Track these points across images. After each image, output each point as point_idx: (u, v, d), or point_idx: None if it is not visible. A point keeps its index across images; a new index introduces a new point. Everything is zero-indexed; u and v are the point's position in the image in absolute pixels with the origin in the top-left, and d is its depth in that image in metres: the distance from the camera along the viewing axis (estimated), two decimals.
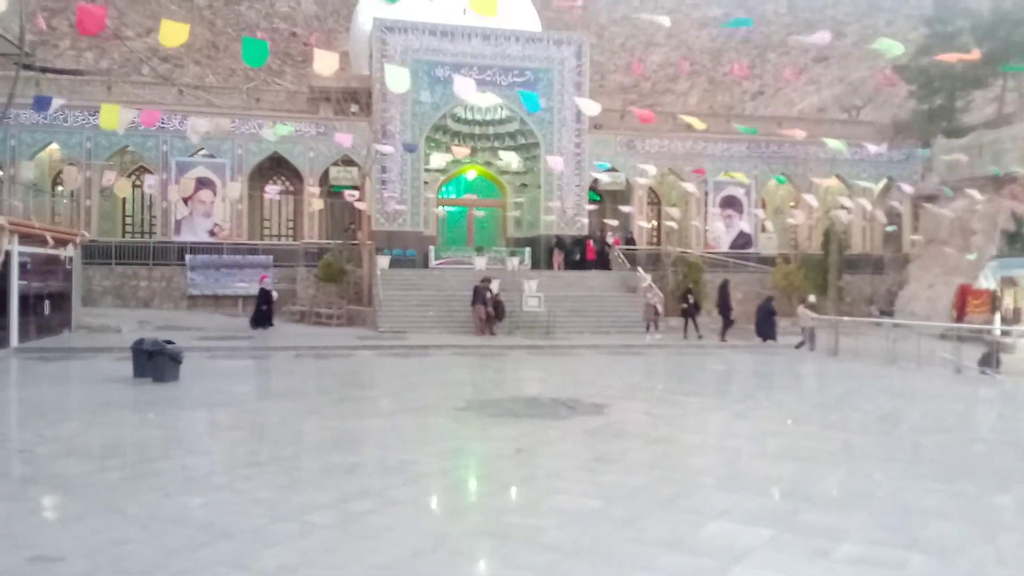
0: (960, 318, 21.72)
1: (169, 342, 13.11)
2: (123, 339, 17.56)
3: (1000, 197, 25.75)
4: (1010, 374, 15.41)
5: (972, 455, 8.62)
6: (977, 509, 6.26)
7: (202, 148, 27.31)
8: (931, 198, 27.00)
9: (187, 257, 26.19)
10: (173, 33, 11.17)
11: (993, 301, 21.98)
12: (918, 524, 5.74)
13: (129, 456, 8.04)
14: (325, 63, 12.57)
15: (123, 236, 28.43)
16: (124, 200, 28.46)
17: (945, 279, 26.25)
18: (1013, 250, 23.69)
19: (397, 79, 13.92)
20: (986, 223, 26.13)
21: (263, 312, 22.41)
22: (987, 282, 22.74)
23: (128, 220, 29.22)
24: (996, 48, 32.25)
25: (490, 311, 22.51)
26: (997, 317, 20.85)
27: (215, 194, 27.31)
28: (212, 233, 27.34)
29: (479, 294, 22.14)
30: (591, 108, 18.09)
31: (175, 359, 12.81)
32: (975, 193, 22.32)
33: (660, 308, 23.20)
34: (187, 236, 26.98)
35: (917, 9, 44.54)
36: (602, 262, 28.71)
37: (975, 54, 18.05)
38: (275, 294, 23.38)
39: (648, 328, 22.71)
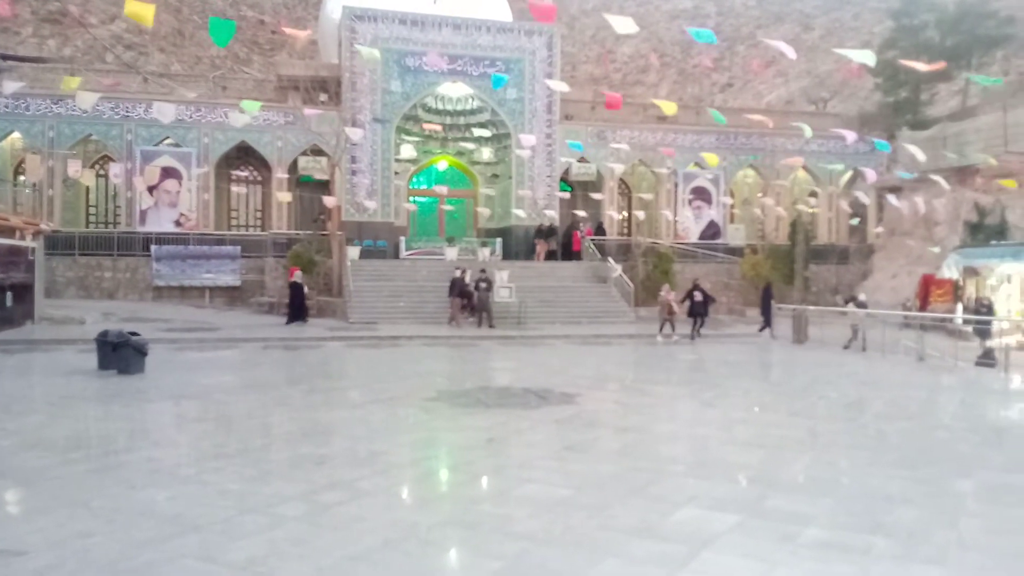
0: (923, 307, 22.12)
1: (134, 334, 12.94)
2: (87, 331, 17.27)
3: (963, 188, 26.22)
4: (970, 362, 15.72)
5: (935, 442, 8.79)
6: (939, 495, 6.39)
7: (167, 137, 26.89)
8: (895, 189, 27.40)
9: (152, 248, 25.81)
10: (138, 9, 10.96)
11: (956, 291, 22.41)
12: (882, 509, 5.84)
13: (94, 449, 7.91)
14: (298, 36, 12.47)
15: (87, 226, 27.93)
16: (88, 190, 27.96)
17: (909, 269, 26.71)
18: (975, 241, 24.17)
19: (368, 56, 13.89)
20: (949, 214, 26.61)
21: (297, 306, 21.88)
22: (950, 272, 23.17)
23: (92, 210, 28.70)
24: (961, 42, 32.84)
25: (473, 302, 22.60)
26: (959, 307, 21.28)
27: (181, 184, 26.92)
28: (178, 223, 26.97)
29: (456, 285, 22.06)
30: (560, 86, 18.45)
31: (140, 351, 12.64)
32: (940, 180, 22.65)
33: (676, 307, 21.41)
34: (152, 226, 26.58)
35: (883, 3, 45.07)
36: (567, 252, 28.84)
37: (941, 65, 18.58)
38: (307, 288, 22.82)
39: (662, 328, 20.98)
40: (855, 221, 31.24)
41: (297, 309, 21.78)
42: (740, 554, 4.87)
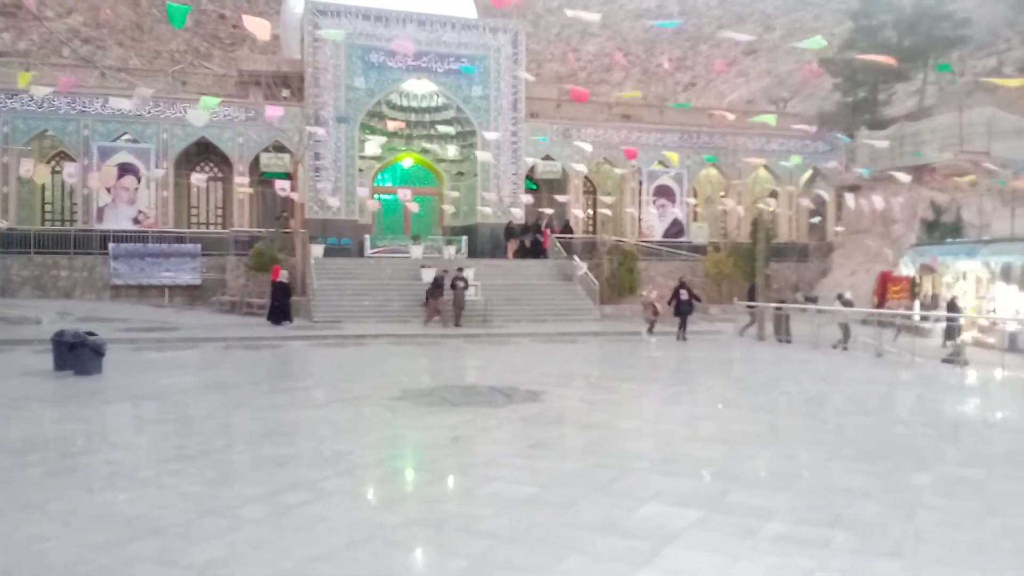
0: (881, 304, 22.54)
1: (91, 333, 12.67)
2: (43, 331, 16.85)
3: (920, 187, 26.76)
4: (927, 357, 16.06)
5: (893, 436, 8.95)
6: (897, 488, 6.51)
7: (125, 133, 26.37)
8: (854, 188, 27.88)
9: (110, 246, 25.27)
10: None
11: (912, 287, 22.87)
12: (841, 503, 5.94)
13: (50, 451, 7.72)
14: (257, 28, 12.29)
15: (42, 224, 27.28)
16: (43, 187, 27.31)
17: (867, 266, 27.21)
18: (931, 238, 24.69)
19: (333, 35, 13.82)
20: (906, 212, 27.15)
21: (280, 307, 21.44)
22: (907, 269, 23.65)
23: (48, 208, 28.04)
24: (918, 42, 33.49)
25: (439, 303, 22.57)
26: (916, 304, 21.73)
27: (139, 180, 26.42)
28: (136, 221, 26.46)
29: (442, 284, 21.92)
30: (527, 76, 18.56)
31: (97, 351, 12.38)
32: (901, 175, 23.04)
33: (660, 306, 21.11)
34: (110, 224, 26.04)
35: (843, 4, 45.80)
36: (538, 250, 28.86)
37: (892, 60, 18.95)
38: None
39: (650, 329, 20.80)
40: (816, 220, 31.74)
41: (282, 309, 21.42)
42: (703, 549, 4.91)
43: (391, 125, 23.32)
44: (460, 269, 22.61)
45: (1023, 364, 15.32)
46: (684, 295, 20.32)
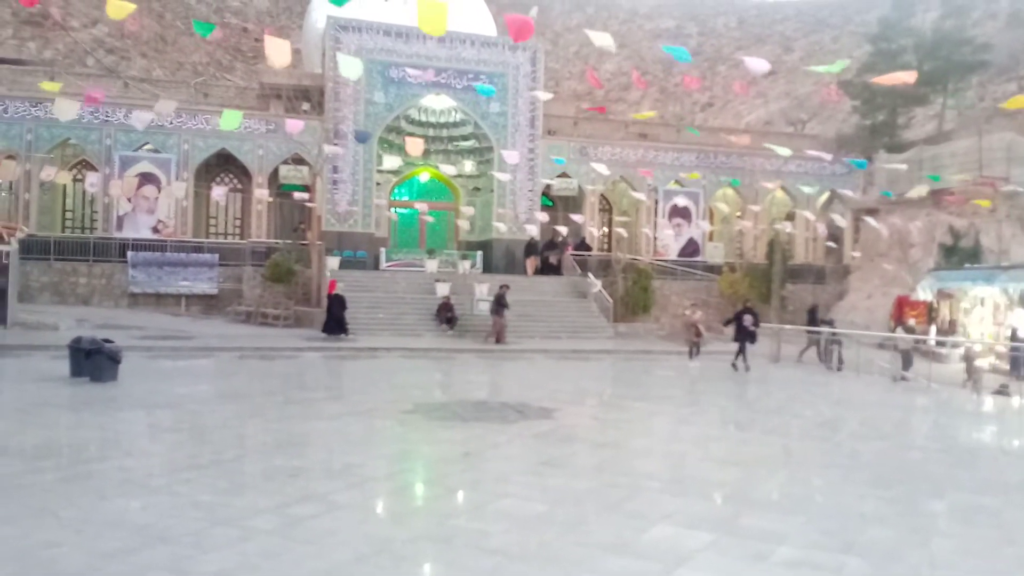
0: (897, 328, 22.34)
1: (108, 341, 12.75)
2: (60, 337, 17.01)
3: (938, 211, 26.59)
4: (943, 383, 15.91)
5: (908, 462, 8.87)
6: (912, 515, 6.44)
7: (147, 143, 26.67)
8: (872, 211, 27.74)
9: (129, 254, 25.51)
10: (119, 7, 10.96)
11: (930, 312, 22.69)
12: (855, 529, 5.88)
13: (64, 457, 7.79)
14: (277, 51, 12.42)
15: (63, 231, 27.56)
16: (64, 194, 27.63)
17: (884, 290, 27.00)
18: (950, 263, 24.50)
19: (350, 67, 13.89)
20: (924, 236, 26.98)
21: (338, 319, 21.40)
22: (924, 294, 23.47)
23: (68, 215, 28.36)
24: (937, 67, 33.39)
25: (451, 315, 22.61)
26: (933, 329, 21.53)
27: (159, 190, 26.68)
28: (155, 230, 26.70)
29: (498, 302, 21.80)
30: (544, 96, 18.63)
31: (113, 358, 12.46)
32: (917, 193, 22.71)
33: (703, 328, 19.69)
34: (129, 232, 26.29)
35: (862, 27, 45.86)
36: (553, 267, 28.84)
37: (912, 75, 18.79)
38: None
39: (691, 353, 19.36)
40: (831, 244, 31.62)
41: (339, 321, 21.46)
42: (714, 572, 4.88)
43: (410, 147, 23.07)
44: (504, 286, 22.58)
45: None
46: (748, 321, 18.23)
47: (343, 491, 6.49)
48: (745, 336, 18.01)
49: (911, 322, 19.68)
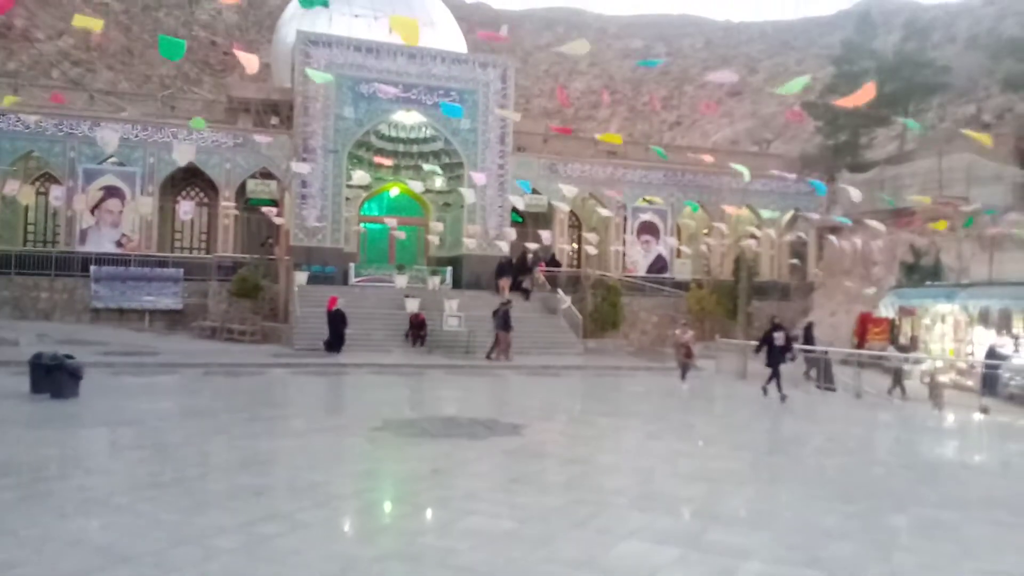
0: (861, 345, 22.70)
1: (69, 356, 12.53)
2: (21, 352, 16.64)
3: (899, 230, 27.14)
4: (908, 399, 16.17)
5: (871, 477, 8.99)
6: (875, 529, 6.53)
7: (112, 156, 26.31)
8: (835, 229, 28.23)
9: (92, 268, 25.07)
10: (87, 22, 10.93)
11: (892, 329, 23.07)
12: (819, 544, 5.95)
13: (24, 475, 7.59)
14: (247, 64, 12.45)
15: (24, 245, 27.02)
16: (27, 208, 27.11)
17: (847, 307, 27.44)
18: (911, 281, 24.98)
19: (320, 76, 14.02)
20: (886, 255, 27.50)
21: (339, 336, 21.44)
22: (887, 311, 23.87)
23: (30, 228, 27.82)
24: (899, 88, 34.21)
25: (423, 332, 22.57)
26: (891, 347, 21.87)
27: (124, 204, 26.30)
28: (119, 244, 26.29)
29: (504, 318, 21.77)
30: (512, 116, 18.67)
31: (75, 375, 12.24)
32: (874, 223, 23.45)
33: (694, 348, 18.44)
34: (92, 247, 25.85)
35: (826, 49, 46.86)
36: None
37: (871, 90, 19.32)
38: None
39: (683, 375, 17.66)
40: (795, 261, 32.11)
41: (340, 338, 21.40)
42: None
43: (378, 161, 23.08)
44: (508, 302, 22.63)
45: (999, 407, 15.44)
46: (779, 339, 15.72)
47: (309, 509, 6.42)
48: (778, 358, 15.58)
49: (904, 339, 19.52)
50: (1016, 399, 16.01)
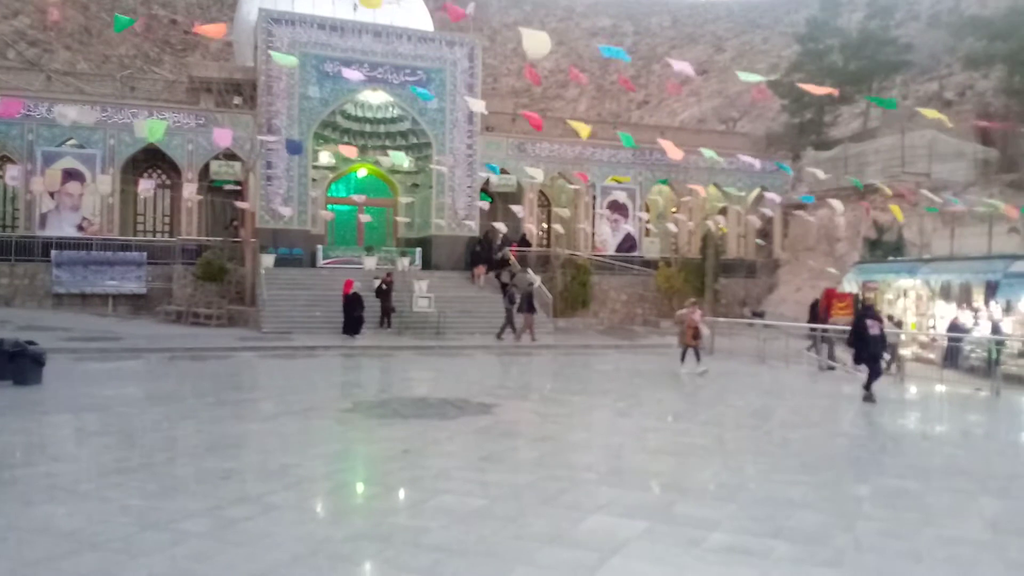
0: (826, 320, 23.05)
1: (31, 342, 12.33)
2: None
3: (863, 207, 27.53)
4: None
5: (835, 448, 9.18)
6: (838, 499, 6.68)
7: (71, 138, 25.72)
8: (800, 207, 28.55)
9: (53, 253, 24.57)
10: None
11: (856, 304, 23.44)
12: (784, 514, 6.07)
13: None
14: (214, 31, 12.22)
15: None
16: None
17: (812, 283, 27.83)
18: (874, 256, 25.39)
19: (286, 60, 13.77)
20: (850, 231, 27.89)
21: (357, 318, 21.41)
22: (850, 286, 24.24)
23: None
24: (863, 66, 34.55)
25: (392, 307, 22.51)
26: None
27: (84, 187, 25.76)
28: (81, 228, 25.78)
29: (525, 297, 21.83)
30: (478, 106, 18.48)
31: (37, 361, 12.06)
32: (836, 203, 23.88)
33: (705, 329, 16.76)
34: (53, 231, 25.31)
35: (791, 27, 47.09)
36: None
37: (834, 91, 19.90)
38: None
39: (683, 357, 16.00)
40: (760, 242, 32.45)
41: (357, 321, 21.37)
42: (648, 560, 4.97)
43: (345, 151, 22.69)
44: (531, 284, 22.82)
45: (960, 379, 15.80)
46: (875, 328, 12.68)
47: (279, 492, 6.40)
48: (876, 350, 12.75)
49: (897, 317, 19.42)
50: (976, 371, 16.36)
